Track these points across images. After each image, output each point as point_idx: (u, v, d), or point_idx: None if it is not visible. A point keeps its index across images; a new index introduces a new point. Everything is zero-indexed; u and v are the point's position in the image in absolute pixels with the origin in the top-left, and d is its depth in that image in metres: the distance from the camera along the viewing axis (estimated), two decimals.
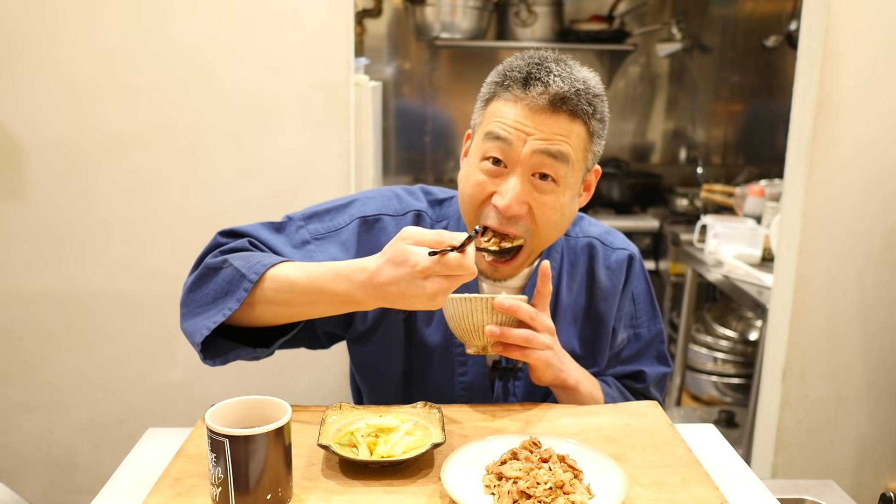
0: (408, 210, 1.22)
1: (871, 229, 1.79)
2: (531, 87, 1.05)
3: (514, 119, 1.06)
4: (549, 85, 1.04)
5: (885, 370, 1.86)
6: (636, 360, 1.31)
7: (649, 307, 1.32)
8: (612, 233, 1.31)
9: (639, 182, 3.73)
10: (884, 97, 1.73)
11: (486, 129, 1.08)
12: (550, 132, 1.05)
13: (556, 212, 1.09)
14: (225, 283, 1.04)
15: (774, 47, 3.63)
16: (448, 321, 1.09)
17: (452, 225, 1.21)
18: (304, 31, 1.68)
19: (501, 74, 1.10)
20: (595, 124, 1.10)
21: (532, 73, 1.06)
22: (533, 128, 1.05)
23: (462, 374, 1.20)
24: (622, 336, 1.29)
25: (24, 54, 1.65)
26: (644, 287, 1.31)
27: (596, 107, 1.09)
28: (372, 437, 0.96)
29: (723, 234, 2.69)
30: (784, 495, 1.36)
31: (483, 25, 3.49)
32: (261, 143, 1.72)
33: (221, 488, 0.83)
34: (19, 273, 1.75)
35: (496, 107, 1.09)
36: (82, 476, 1.86)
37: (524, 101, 1.05)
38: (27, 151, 1.70)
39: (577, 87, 1.06)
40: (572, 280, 1.24)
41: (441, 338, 1.20)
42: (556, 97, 1.04)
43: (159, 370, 1.82)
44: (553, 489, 0.85)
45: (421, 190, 1.27)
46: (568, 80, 1.06)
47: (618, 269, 1.26)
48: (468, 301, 1.04)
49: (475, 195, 1.09)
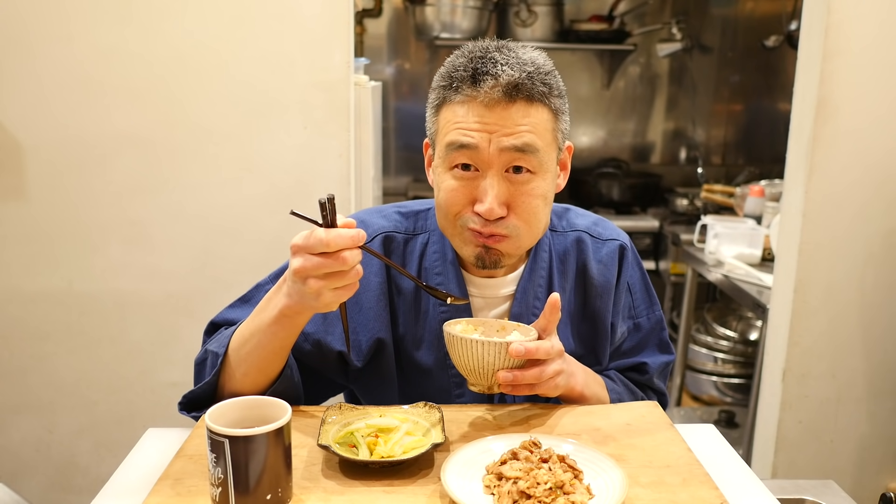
0: (373, 236, 1.17)
1: (871, 229, 1.79)
2: (481, 82, 1.00)
3: (474, 120, 1.01)
4: (499, 76, 1.00)
5: (885, 370, 1.86)
6: (638, 351, 1.28)
7: (646, 296, 1.28)
8: (601, 222, 1.26)
9: (639, 182, 3.73)
10: (884, 97, 1.73)
11: (446, 140, 1.04)
12: (513, 124, 1.01)
13: (538, 198, 1.05)
14: (209, 366, 1.08)
15: (774, 47, 3.63)
16: (452, 358, 1.02)
17: (435, 240, 1.17)
18: (304, 31, 1.68)
19: (447, 77, 1.05)
20: (555, 101, 1.05)
21: (479, 69, 1.01)
22: (494, 124, 1.01)
23: (458, 396, 1.17)
24: (622, 329, 1.25)
25: (24, 54, 1.65)
26: (639, 276, 1.27)
27: (551, 85, 1.04)
28: (372, 437, 0.96)
29: (723, 234, 2.69)
30: (784, 495, 1.36)
31: (483, 25, 3.49)
32: (261, 143, 1.72)
33: (221, 488, 0.82)
34: (19, 273, 1.75)
35: (450, 112, 1.04)
36: (82, 476, 1.86)
37: (478, 99, 1.01)
38: (27, 151, 1.70)
39: (528, 70, 1.01)
40: (564, 279, 1.20)
41: (433, 360, 1.17)
42: (510, 86, 1.00)
43: (159, 370, 1.81)
44: (553, 489, 0.85)
45: (394, 208, 1.22)
46: (517, 65, 1.01)
47: (610, 263, 1.22)
48: (479, 345, 0.98)
49: (452, 203, 1.05)
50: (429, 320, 1.16)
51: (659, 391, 1.30)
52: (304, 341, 1.14)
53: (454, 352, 1.00)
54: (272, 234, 1.75)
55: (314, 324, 1.14)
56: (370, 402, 1.22)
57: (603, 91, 3.90)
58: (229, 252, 1.76)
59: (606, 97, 3.91)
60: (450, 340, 1.00)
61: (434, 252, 1.16)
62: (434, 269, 1.15)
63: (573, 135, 3.96)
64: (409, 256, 1.17)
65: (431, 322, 1.15)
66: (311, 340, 1.14)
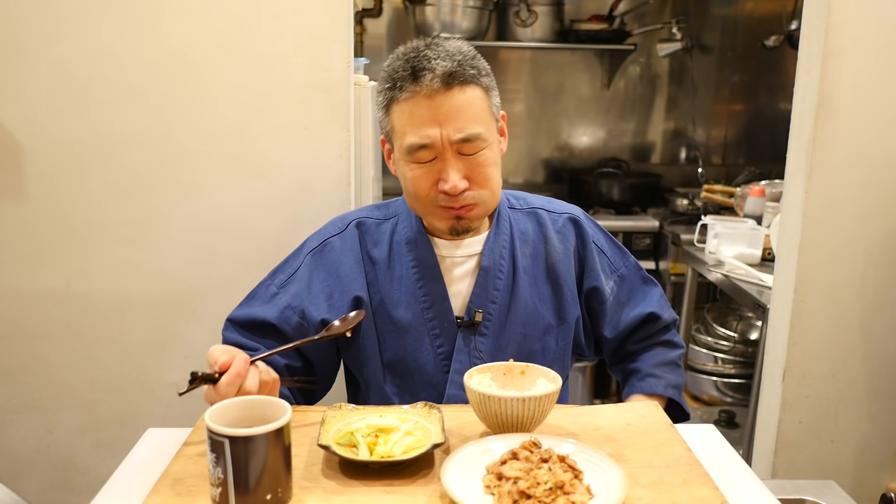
0: (347, 223, 1.37)
1: (871, 229, 1.79)
2: (421, 77, 1.16)
3: (422, 116, 1.17)
4: (435, 69, 1.16)
5: (885, 370, 1.86)
6: (634, 296, 1.43)
7: (616, 250, 1.44)
8: (552, 202, 1.43)
9: (639, 182, 3.73)
10: (884, 97, 1.72)
11: (406, 143, 1.20)
12: (456, 112, 1.17)
13: (490, 166, 1.22)
14: None
15: (775, 47, 3.63)
16: (476, 412, 1.05)
17: (403, 219, 1.34)
18: (303, 31, 1.68)
19: (389, 79, 1.21)
20: (484, 79, 1.22)
21: (416, 66, 1.17)
22: (442, 115, 1.17)
23: (439, 346, 1.30)
24: (608, 285, 1.40)
25: (24, 54, 1.65)
26: (602, 237, 1.43)
27: (478, 67, 1.21)
28: (372, 437, 0.96)
29: (723, 234, 2.69)
30: (784, 495, 1.36)
31: (483, 25, 3.49)
32: (260, 143, 1.72)
33: (221, 488, 0.83)
34: (19, 273, 1.75)
35: (400, 110, 1.20)
36: (82, 476, 1.86)
37: (421, 93, 1.17)
38: (27, 151, 1.70)
39: (458, 58, 1.18)
40: (525, 245, 1.35)
41: (411, 316, 1.30)
42: (445, 75, 1.16)
43: (159, 370, 1.81)
44: (553, 489, 0.85)
45: (370, 205, 1.44)
46: (447, 57, 1.17)
47: (567, 232, 1.38)
48: (501, 401, 1.00)
49: (419, 188, 1.22)
50: (404, 283, 1.31)
51: (678, 345, 1.51)
52: (291, 314, 1.30)
53: (476, 407, 1.04)
54: (272, 234, 1.75)
55: (298, 297, 1.31)
56: (357, 367, 1.34)
57: (603, 91, 3.90)
58: (229, 252, 1.76)
59: (606, 97, 3.91)
60: (472, 397, 1.02)
61: (403, 229, 1.33)
62: (404, 241, 1.32)
63: (572, 134, 3.97)
64: (381, 235, 1.35)
65: (407, 283, 1.30)
66: (297, 311, 1.30)
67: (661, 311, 1.44)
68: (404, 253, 1.31)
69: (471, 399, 1.03)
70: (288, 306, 1.30)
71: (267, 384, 1.09)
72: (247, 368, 1.04)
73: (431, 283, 1.29)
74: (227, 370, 1.02)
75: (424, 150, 1.19)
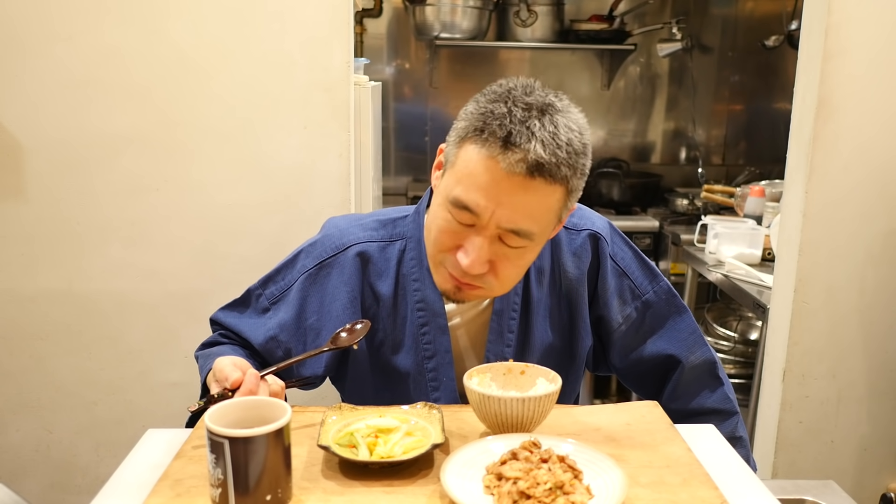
0: (347, 247, 1.22)
1: (871, 229, 1.79)
2: (510, 151, 0.98)
3: (486, 182, 1.00)
4: (529, 151, 0.98)
5: (885, 370, 1.86)
6: (657, 326, 1.27)
7: (644, 271, 1.27)
8: (576, 213, 1.25)
9: (639, 182, 3.72)
10: (884, 97, 1.72)
11: (454, 192, 1.03)
12: (522, 203, 1.01)
13: (521, 267, 1.09)
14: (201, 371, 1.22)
15: (775, 47, 3.62)
16: (476, 413, 1.05)
17: (412, 247, 1.20)
18: (304, 31, 1.68)
19: (481, 119, 1.01)
20: (575, 182, 1.05)
21: (513, 134, 0.98)
22: (504, 193, 1.00)
23: (436, 401, 1.20)
24: (624, 313, 1.26)
25: (24, 54, 1.65)
26: (630, 256, 1.27)
27: (576, 166, 1.03)
28: (372, 437, 0.96)
29: (723, 234, 2.69)
30: (784, 496, 1.36)
31: (483, 25, 3.49)
32: (261, 143, 1.72)
33: (221, 489, 0.82)
34: (19, 273, 1.75)
35: (471, 155, 1.02)
36: (82, 476, 1.86)
37: (500, 165, 0.99)
38: (27, 151, 1.70)
39: (560, 154, 1.00)
40: (541, 275, 1.22)
41: (412, 363, 1.21)
42: (534, 165, 0.98)
43: (159, 370, 1.81)
44: (553, 489, 0.85)
45: (374, 217, 1.26)
46: (550, 145, 0.99)
47: (583, 253, 1.23)
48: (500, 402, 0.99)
49: (441, 241, 1.08)
50: (408, 325, 1.21)
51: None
52: (276, 347, 1.22)
53: (476, 408, 1.03)
54: (272, 234, 1.75)
55: (286, 330, 1.21)
56: (345, 395, 1.28)
57: (603, 91, 3.90)
58: (229, 252, 1.76)
59: (606, 97, 3.91)
60: (473, 397, 1.02)
61: (411, 259, 1.20)
62: (412, 276, 1.20)
63: None
64: (386, 263, 1.22)
65: (410, 326, 1.20)
66: (283, 347, 1.22)
67: (684, 352, 1.27)
68: (410, 291, 1.20)
69: (471, 399, 1.03)
70: (274, 338, 1.21)
71: (275, 395, 1.05)
72: (258, 384, 1.00)
73: (435, 331, 1.20)
74: (238, 387, 0.99)
75: (467, 212, 1.02)
